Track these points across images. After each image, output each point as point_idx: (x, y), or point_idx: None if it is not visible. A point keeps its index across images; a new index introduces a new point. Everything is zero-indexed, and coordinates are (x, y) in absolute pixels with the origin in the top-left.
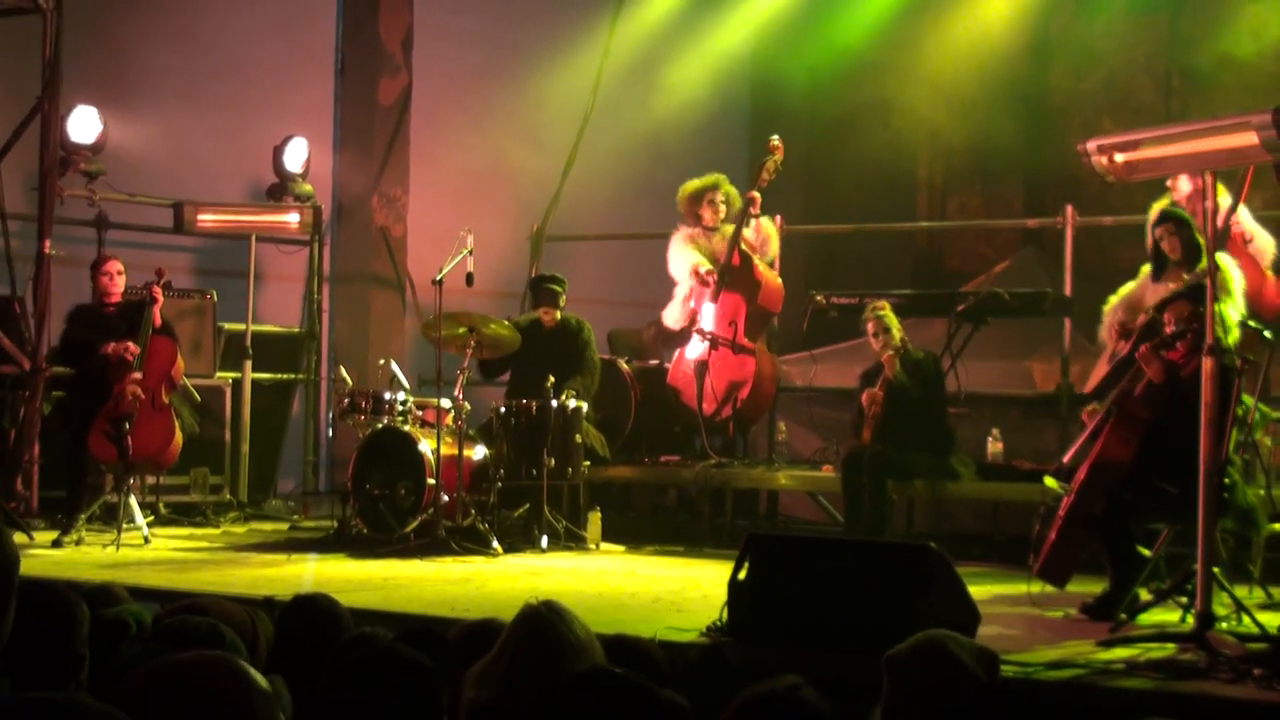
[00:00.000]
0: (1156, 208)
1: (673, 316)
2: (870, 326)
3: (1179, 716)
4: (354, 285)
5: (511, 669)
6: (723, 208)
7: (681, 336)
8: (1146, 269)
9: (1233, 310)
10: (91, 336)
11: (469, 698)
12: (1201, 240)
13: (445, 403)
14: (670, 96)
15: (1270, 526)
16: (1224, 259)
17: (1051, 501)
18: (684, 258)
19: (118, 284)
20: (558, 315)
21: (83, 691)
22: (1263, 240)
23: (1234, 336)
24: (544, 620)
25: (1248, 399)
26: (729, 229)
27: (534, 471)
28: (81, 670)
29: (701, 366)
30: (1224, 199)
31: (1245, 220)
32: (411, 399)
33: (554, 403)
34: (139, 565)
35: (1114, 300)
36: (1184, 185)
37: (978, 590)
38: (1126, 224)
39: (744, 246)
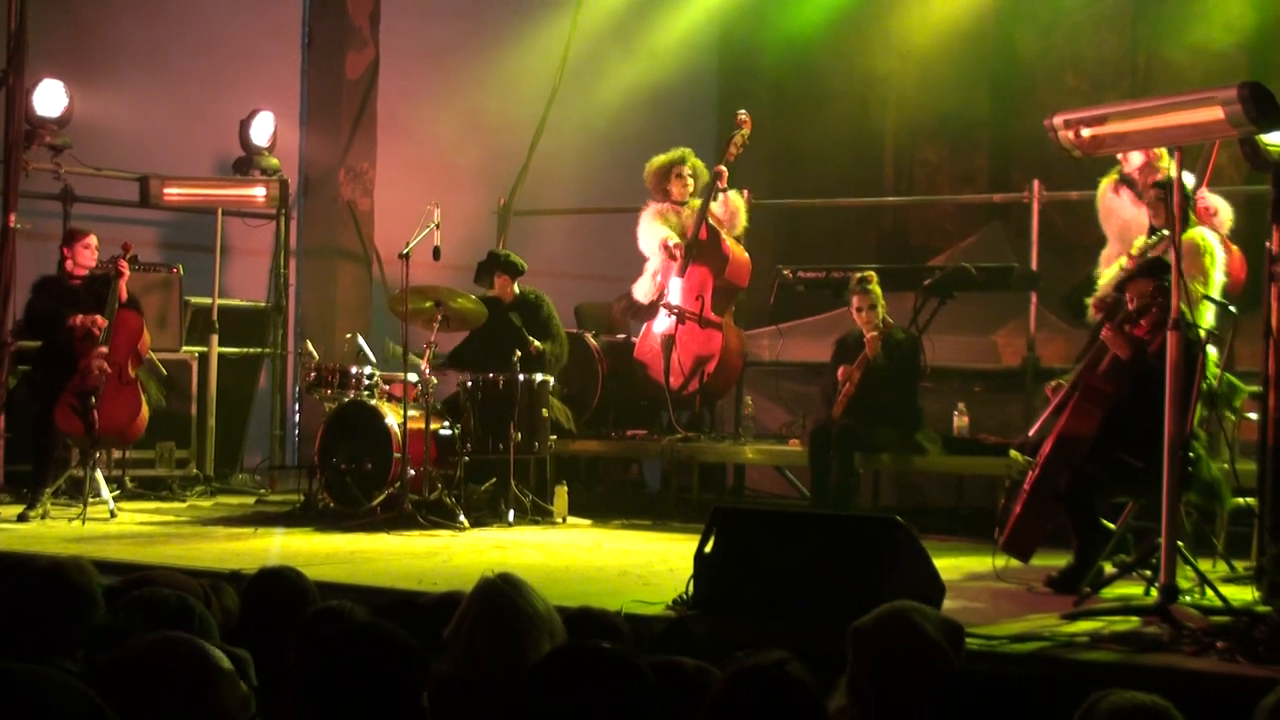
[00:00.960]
0: (1105, 182)
1: (643, 290)
2: (856, 300)
3: (1142, 689)
4: (321, 259)
5: (471, 642)
6: (690, 181)
7: (650, 310)
8: (1140, 242)
9: (1214, 288)
10: (57, 308)
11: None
12: (1188, 209)
13: (412, 377)
14: (638, 71)
15: (1234, 500)
16: (1207, 235)
17: (1016, 475)
18: (653, 232)
19: (93, 258)
20: (514, 289)
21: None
22: (1226, 213)
23: (1203, 312)
24: (501, 593)
25: (1214, 371)
26: (697, 203)
27: (501, 445)
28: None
29: (668, 341)
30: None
31: (1208, 194)
32: (378, 373)
33: (520, 377)
34: (104, 539)
35: (1109, 272)
36: (1135, 157)
37: (943, 563)
38: (1093, 199)
39: (711, 221)
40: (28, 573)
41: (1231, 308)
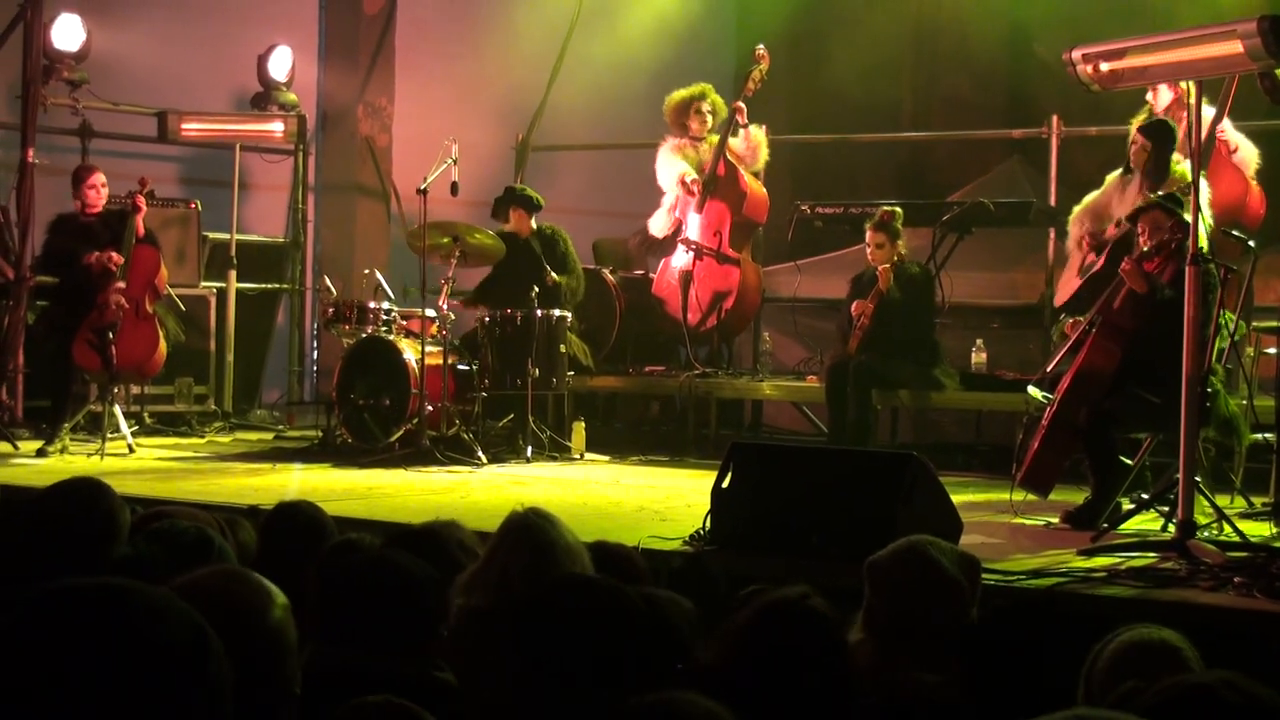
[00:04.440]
0: (1136, 121)
1: (659, 225)
2: (873, 236)
3: (1160, 624)
4: (339, 195)
5: (505, 575)
6: (709, 117)
7: (666, 246)
8: (1113, 176)
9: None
10: (74, 246)
11: (459, 605)
12: (1175, 160)
13: (430, 312)
14: (656, 6)
15: (1252, 436)
16: (1188, 171)
17: (1035, 411)
18: (671, 167)
19: (102, 196)
20: (532, 225)
21: None
22: (1246, 150)
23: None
24: (533, 525)
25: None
26: (716, 139)
27: (518, 381)
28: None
29: (686, 276)
30: (1209, 109)
31: (1230, 130)
32: (396, 308)
33: (538, 313)
34: (123, 474)
35: (1078, 210)
36: (1164, 96)
37: (961, 499)
38: (1111, 134)
39: (730, 156)
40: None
41: (1251, 242)
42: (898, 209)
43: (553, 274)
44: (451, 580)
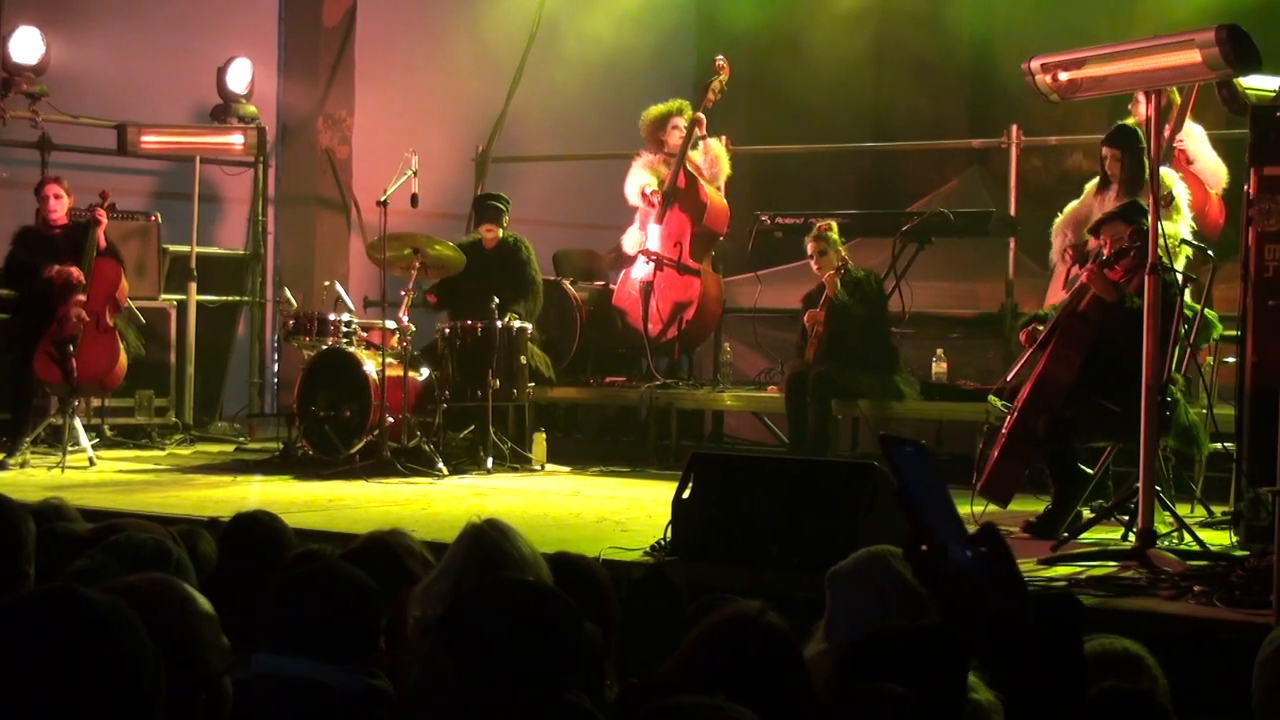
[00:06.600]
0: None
1: (631, 242)
2: (811, 246)
3: (1120, 633)
4: (299, 207)
5: (458, 587)
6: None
7: (633, 258)
8: (1091, 185)
9: (1183, 226)
10: (35, 259)
11: (415, 616)
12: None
13: (390, 324)
14: (615, 17)
15: (1211, 445)
16: (1168, 174)
17: (995, 420)
18: (635, 181)
19: (61, 206)
20: (499, 234)
21: None
22: (1210, 164)
23: (1181, 255)
24: (488, 537)
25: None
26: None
27: (479, 393)
28: (24, 587)
29: (647, 287)
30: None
31: (1191, 141)
32: (356, 320)
33: (499, 324)
34: (84, 487)
35: (1059, 221)
36: (1143, 106)
37: None
38: (1071, 143)
39: (690, 168)
40: None
41: (1210, 252)
42: (833, 222)
43: (513, 316)
44: (401, 589)
